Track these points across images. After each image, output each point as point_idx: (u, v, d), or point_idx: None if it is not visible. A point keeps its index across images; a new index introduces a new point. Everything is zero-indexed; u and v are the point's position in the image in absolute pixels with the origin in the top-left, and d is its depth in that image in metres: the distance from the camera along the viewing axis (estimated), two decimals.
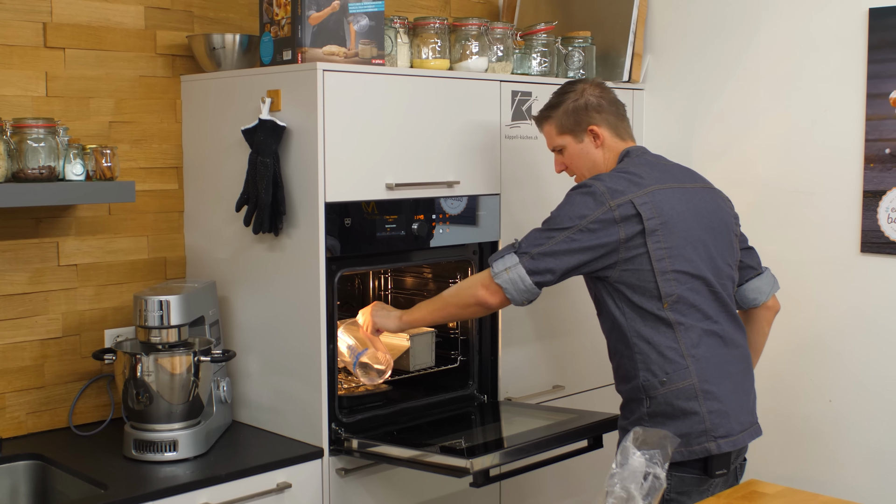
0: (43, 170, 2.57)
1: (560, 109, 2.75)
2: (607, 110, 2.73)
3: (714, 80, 3.55)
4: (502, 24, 3.21)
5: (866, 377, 3.22)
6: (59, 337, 2.92)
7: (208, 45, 3.00)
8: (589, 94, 2.73)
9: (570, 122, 2.73)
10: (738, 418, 2.56)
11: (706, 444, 2.50)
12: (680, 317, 2.54)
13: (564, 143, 2.76)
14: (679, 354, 2.53)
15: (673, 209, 2.56)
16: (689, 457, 2.50)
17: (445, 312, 2.73)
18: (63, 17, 2.88)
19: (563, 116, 2.74)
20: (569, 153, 2.77)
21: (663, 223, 2.53)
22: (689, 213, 2.58)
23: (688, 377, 2.52)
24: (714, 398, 2.53)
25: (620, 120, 2.76)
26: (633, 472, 1.97)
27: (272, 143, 2.75)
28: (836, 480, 3.25)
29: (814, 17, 3.29)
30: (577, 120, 2.73)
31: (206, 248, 3.10)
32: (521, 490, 3.31)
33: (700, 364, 2.54)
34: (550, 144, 2.81)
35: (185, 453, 2.66)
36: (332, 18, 2.76)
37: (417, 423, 2.98)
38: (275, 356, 2.91)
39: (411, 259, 3.04)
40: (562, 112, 2.75)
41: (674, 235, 2.53)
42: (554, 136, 2.78)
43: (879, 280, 3.17)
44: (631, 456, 1.99)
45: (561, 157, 2.80)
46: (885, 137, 3.12)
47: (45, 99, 2.85)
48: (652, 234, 2.51)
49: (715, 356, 2.57)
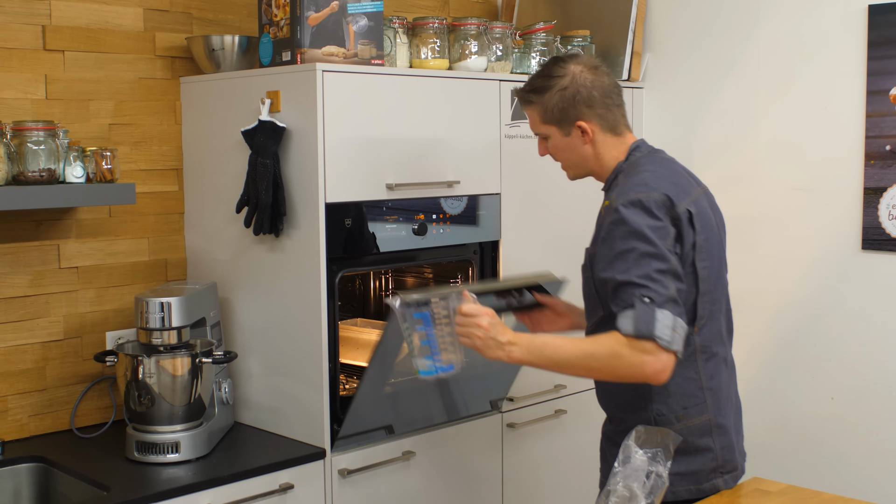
0: (43, 172, 2.57)
1: (545, 96, 2.38)
2: (599, 103, 2.35)
3: (713, 79, 3.55)
4: (501, 23, 3.21)
5: (868, 374, 3.22)
6: (60, 339, 2.92)
7: (207, 46, 3.00)
8: (580, 82, 2.34)
9: (556, 113, 2.37)
10: (739, 448, 2.43)
11: (715, 482, 2.32)
12: (704, 342, 2.31)
13: (549, 132, 2.42)
14: (698, 387, 2.31)
15: (709, 220, 2.33)
16: (698, 495, 2.30)
17: (590, 374, 2.29)
18: (62, 20, 2.88)
19: (549, 105, 2.38)
20: (554, 144, 2.43)
21: (706, 238, 2.29)
22: (715, 224, 2.36)
23: (704, 412, 2.31)
24: (725, 432, 2.35)
25: (613, 110, 2.39)
26: (635, 470, 1.97)
27: (272, 144, 2.75)
28: (839, 478, 3.25)
29: (813, 15, 3.29)
30: (563, 112, 2.37)
31: (207, 249, 3.10)
32: (521, 490, 3.32)
33: (714, 397, 2.33)
34: (533, 129, 2.46)
35: (187, 455, 2.66)
36: (331, 19, 2.76)
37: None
38: (276, 357, 2.91)
39: (412, 259, 3.04)
40: (547, 99, 2.38)
41: (711, 250, 2.31)
42: (538, 123, 2.43)
43: (881, 277, 3.17)
44: (633, 454, 1.99)
45: (545, 143, 2.46)
46: (886, 134, 3.12)
47: (44, 101, 2.85)
48: (700, 251, 2.27)
49: (724, 385, 2.38)
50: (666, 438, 2.07)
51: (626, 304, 2.15)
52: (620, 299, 2.16)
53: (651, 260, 2.15)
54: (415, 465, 2.99)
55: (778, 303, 3.36)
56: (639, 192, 2.22)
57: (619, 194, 2.25)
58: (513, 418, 3.27)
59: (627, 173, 2.33)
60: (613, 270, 2.18)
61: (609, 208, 2.25)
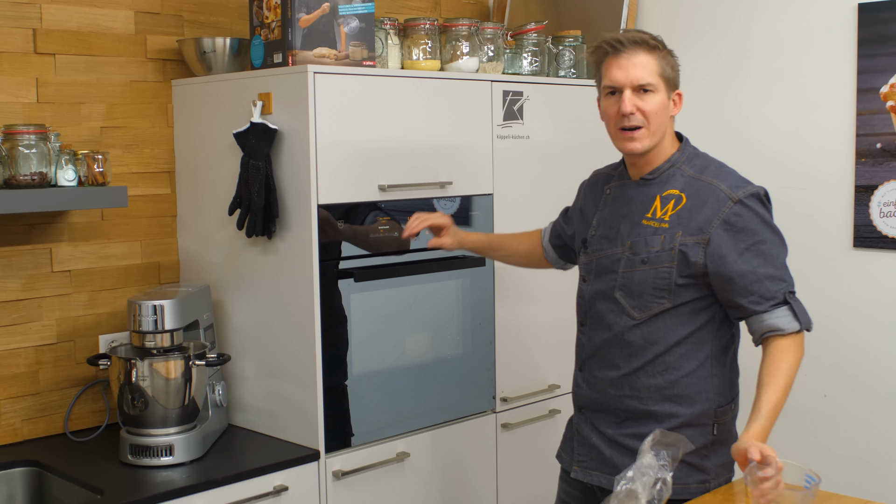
0: (35, 176, 2.57)
1: (668, 52, 2.31)
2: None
3: (705, 78, 3.56)
4: (492, 24, 3.21)
5: (861, 372, 3.23)
6: (53, 343, 2.92)
7: (199, 49, 3.00)
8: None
9: (670, 71, 2.30)
10: None
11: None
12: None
13: (658, 87, 2.28)
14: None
15: None
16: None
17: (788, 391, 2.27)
18: (53, 23, 2.88)
19: (669, 60, 2.30)
20: (657, 101, 2.27)
21: None
22: None
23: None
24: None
25: None
26: (642, 472, 1.95)
27: (264, 146, 2.75)
28: (831, 475, 3.25)
29: (803, 13, 3.30)
30: (676, 74, 2.32)
31: (200, 251, 3.10)
32: (516, 491, 3.32)
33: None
34: (641, 78, 2.26)
35: (181, 457, 2.66)
36: (323, 21, 2.76)
37: None
38: (270, 359, 2.91)
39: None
40: (667, 54, 2.30)
41: None
42: (653, 73, 2.26)
43: (872, 274, 3.18)
44: (644, 456, 1.98)
45: (641, 98, 2.27)
46: (876, 132, 3.13)
47: (36, 105, 2.85)
48: None
49: None
50: (678, 444, 2.04)
51: (775, 300, 2.23)
52: (760, 295, 2.23)
53: (782, 250, 2.27)
54: (409, 466, 2.99)
55: None
56: (750, 185, 2.30)
57: (733, 186, 2.28)
58: (507, 418, 3.27)
59: (705, 163, 2.36)
60: (751, 265, 2.23)
61: (723, 198, 2.26)
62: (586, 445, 2.43)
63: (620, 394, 2.35)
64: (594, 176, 2.59)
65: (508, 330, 3.27)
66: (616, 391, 2.36)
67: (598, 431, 2.41)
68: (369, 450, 2.89)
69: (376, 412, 2.92)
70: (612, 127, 2.32)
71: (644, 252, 2.29)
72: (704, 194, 2.28)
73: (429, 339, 3.10)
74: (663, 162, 2.35)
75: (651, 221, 2.31)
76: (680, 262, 2.25)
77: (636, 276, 2.30)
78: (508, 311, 3.25)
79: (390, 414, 2.96)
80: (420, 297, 3.03)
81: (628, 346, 2.33)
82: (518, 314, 3.29)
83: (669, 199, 2.30)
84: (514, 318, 3.28)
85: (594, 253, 2.41)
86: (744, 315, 2.27)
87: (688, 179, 2.31)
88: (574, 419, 2.51)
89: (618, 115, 2.28)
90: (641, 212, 2.33)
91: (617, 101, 2.29)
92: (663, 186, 2.33)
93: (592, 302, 2.40)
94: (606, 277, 2.36)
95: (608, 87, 2.30)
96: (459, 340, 3.17)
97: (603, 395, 2.39)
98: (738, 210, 2.24)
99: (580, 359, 2.47)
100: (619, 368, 2.34)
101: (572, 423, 2.52)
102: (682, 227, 2.26)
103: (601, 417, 2.40)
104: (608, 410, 2.38)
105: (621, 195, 2.40)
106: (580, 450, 2.45)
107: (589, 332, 2.42)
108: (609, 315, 2.36)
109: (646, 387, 2.32)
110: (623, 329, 2.33)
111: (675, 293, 2.27)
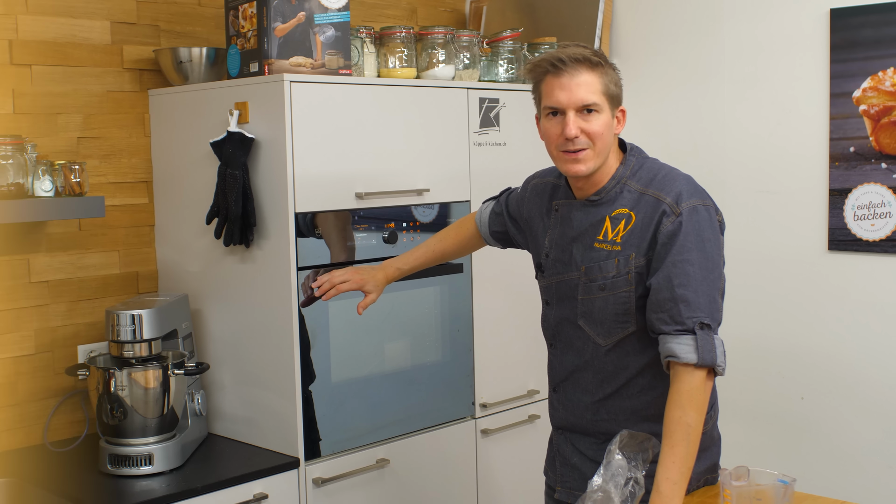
0: (11, 187, 2.56)
1: (610, 67, 2.20)
2: None
3: (679, 83, 3.58)
4: (468, 31, 3.23)
5: (837, 374, 3.26)
6: (31, 354, 2.91)
7: (175, 58, 3.00)
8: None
9: (613, 88, 2.19)
10: None
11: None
12: None
13: (602, 106, 2.16)
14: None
15: None
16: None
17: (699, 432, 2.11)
18: (29, 34, 2.88)
19: (612, 77, 2.19)
20: (601, 121, 2.16)
21: None
22: None
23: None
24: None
25: None
26: (613, 474, 1.97)
27: (241, 155, 2.76)
28: (808, 476, 3.28)
29: (776, 19, 3.33)
30: (619, 90, 2.21)
31: (178, 261, 3.10)
32: (496, 496, 3.33)
33: None
34: (586, 98, 2.15)
35: (160, 467, 2.65)
36: (299, 30, 2.77)
37: None
38: (249, 367, 2.91)
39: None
40: (611, 71, 2.19)
41: None
42: (597, 91, 2.15)
43: (847, 277, 3.21)
44: (613, 458, 1.99)
45: (585, 119, 2.16)
46: (849, 136, 3.16)
47: (12, 116, 2.85)
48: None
49: None
50: (646, 444, 2.05)
51: (683, 326, 2.09)
52: (669, 315, 2.10)
53: (710, 276, 2.11)
54: (389, 472, 2.99)
55: (746, 304, 3.39)
56: (695, 197, 2.18)
57: (678, 198, 2.16)
58: (486, 424, 3.28)
59: (651, 174, 2.23)
60: (670, 281, 2.11)
61: (668, 212, 2.15)
62: (568, 465, 2.39)
63: (597, 418, 2.30)
64: (541, 182, 2.45)
65: (487, 336, 3.28)
66: (593, 416, 2.31)
67: (579, 452, 2.36)
68: (349, 457, 2.90)
69: (356, 419, 2.93)
70: (554, 149, 2.21)
71: (600, 279, 2.21)
72: (652, 210, 2.17)
73: (408, 346, 3.11)
74: (609, 180, 2.23)
75: (603, 244, 2.21)
76: (637, 284, 2.17)
77: (596, 303, 2.23)
78: (487, 316, 3.27)
79: (370, 421, 2.97)
80: (398, 303, 3.04)
81: (600, 372, 2.27)
82: (497, 320, 3.30)
83: (620, 220, 2.20)
84: (492, 323, 3.29)
85: (551, 277, 2.34)
86: (653, 331, 2.15)
87: (635, 196, 2.20)
88: (554, 438, 2.46)
89: (560, 136, 2.17)
90: (592, 235, 2.24)
91: (559, 122, 2.17)
92: (611, 206, 2.22)
93: (558, 327, 2.35)
94: (567, 304, 2.30)
95: (550, 107, 2.18)
96: (438, 347, 3.18)
97: (580, 419, 2.34)
98: (675, 223, 2.14)
99: (553, 381, 2.41)
100: (593, 394, 2.29)
101: (553, 441, 2.47)
102: (634, 248, 2.18)
103: (581, 439, 2.36)
104: (587, 433, 2.34)
105: (569, 216, 2.30)
106: (563, 470, 2.40)
107: (560, 354, 2.36)
108: (577, 341, 2.30)
109: (622, 409, 2.27)
110: (592, 357, 2.27)
111: (637, 316, 2.19)
